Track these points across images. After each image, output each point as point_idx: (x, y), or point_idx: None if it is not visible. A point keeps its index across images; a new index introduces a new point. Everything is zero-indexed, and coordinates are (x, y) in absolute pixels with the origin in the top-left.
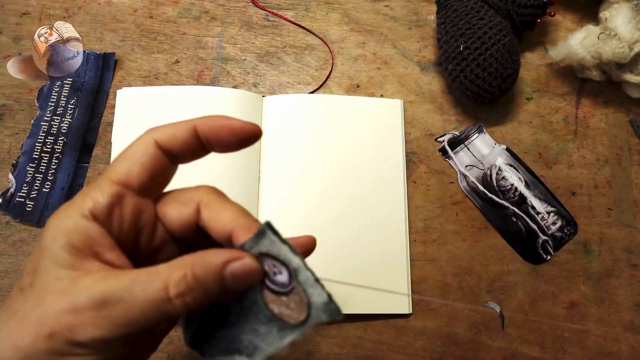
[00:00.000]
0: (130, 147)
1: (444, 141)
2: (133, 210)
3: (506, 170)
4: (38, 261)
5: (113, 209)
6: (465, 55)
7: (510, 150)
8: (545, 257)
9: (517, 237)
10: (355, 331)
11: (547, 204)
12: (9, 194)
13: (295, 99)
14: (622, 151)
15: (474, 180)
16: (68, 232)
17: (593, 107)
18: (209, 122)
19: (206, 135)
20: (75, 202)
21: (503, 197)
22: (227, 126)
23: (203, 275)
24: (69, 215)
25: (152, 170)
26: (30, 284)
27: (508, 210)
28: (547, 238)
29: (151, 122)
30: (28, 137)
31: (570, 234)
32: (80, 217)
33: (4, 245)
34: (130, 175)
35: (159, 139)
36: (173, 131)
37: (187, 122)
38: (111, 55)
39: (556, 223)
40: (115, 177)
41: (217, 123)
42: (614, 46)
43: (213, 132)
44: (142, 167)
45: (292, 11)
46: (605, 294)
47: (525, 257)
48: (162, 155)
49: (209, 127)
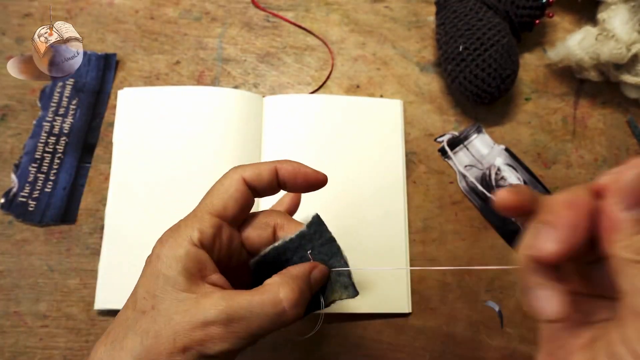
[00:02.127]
0: (222, 182)
1: (444, 141)
2: (228, 238)
3: (505, 170)
4: (154, 286)
5: (215, 238)
6: (465, 56)
7: (509, 151)
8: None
9: (516, 236)
10: (355, 330)
11: None
12: (11, 193)
13: (295, 99)
14: (620, 151)
15: (473, 181)
16: (182, 259)
17: (591, 107)
18: (289, 167)
19: (284, 178)
20: (181, 232)
21: None
22: (302, 174)
23: (301, 285)
24: (181, 244)
25: (243, 204)
26: (152, 306)
27: None
28: None
29: (152, 122)
30: (30, 137)
31: None
32: (191, 245)
33: (6, 244)
34: (227, 209)
35: (247, 177)
36: (259, 171)
37: (270, 163)
38: (112, 55)
39: None
40: (214, 211)
41: (295, 169)
42: (612, 47)
43: (291, 176)
44: (236, 202)
45: (292, 12)
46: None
47: None
48: (249, 191)
49: (288, 172)
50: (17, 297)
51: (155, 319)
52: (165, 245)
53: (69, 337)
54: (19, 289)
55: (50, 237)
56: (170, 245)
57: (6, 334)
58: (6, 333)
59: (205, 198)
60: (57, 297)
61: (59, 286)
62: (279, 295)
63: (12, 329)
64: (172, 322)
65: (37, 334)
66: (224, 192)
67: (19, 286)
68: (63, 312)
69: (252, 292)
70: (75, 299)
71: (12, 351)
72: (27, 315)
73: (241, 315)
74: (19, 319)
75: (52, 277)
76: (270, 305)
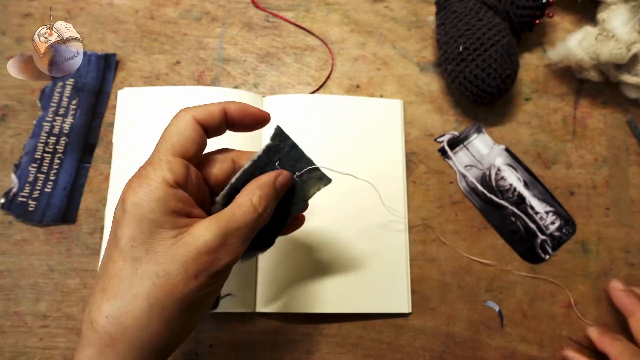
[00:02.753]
0: (176, 124)
1: (444, 141)
2: (196, 176)
3: (505, 170)
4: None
5: (187, 177)
6: (465, 56)
7: (509, 151)
8: (544, 257)
9: (516, 236)
10: (355, 330)
11: (545, 203)
12: (11, 193)
13: (295, 99)
14: (620, 151)
15: (473, 181)
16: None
17: (591, 107)
18: (236, 106)
19: (232, 117)
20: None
21: (502, 197)
22: (250, 112)
23: (267, 191)
24: (157, 187)
25: (200, 143)
26: (146, 251)
27: (507, 210)
28: (546, 237)
29: (152, 122)
30: (30, 137)
31: (568, 233)
32: (168, 187)
33: (6, 244)
34: (187, 149)
35: (199, 117)
36: (209, 110)
37: (217, 104)
38: (112, 56)
39: (555, 223)
40: (177, 152)
41: (242, 108)
42: (612, 47)
43: (240, 115)
44: (193, 142)
45: (292, 12)
46: (603, 293)
47: (525, 256)
48: (202, 131)
49: (236, 111)
50: (17, 297)
51: (157, 261)
52: (139, 192)
53: (69, 337)
54: (19, 289)
55: (50, 237)
56: (145, 190)
57: (6, 334)
58: (6, 333)
59: (164, 141)
60: (57, 297)
61: (59, 286)
62: (253, 203)
63: (12, 329)
64: (177, 257)
65: (37, 334)
66: (180, 133)
67: (19, 286)
68: (63, 312)
69: (232, 208)
70: (75, 299)
71: (12, 351)
72: (27, 315)
73: (233, 229)
74: (19, 319)
75: (52, 277)
76: (250, 213)
